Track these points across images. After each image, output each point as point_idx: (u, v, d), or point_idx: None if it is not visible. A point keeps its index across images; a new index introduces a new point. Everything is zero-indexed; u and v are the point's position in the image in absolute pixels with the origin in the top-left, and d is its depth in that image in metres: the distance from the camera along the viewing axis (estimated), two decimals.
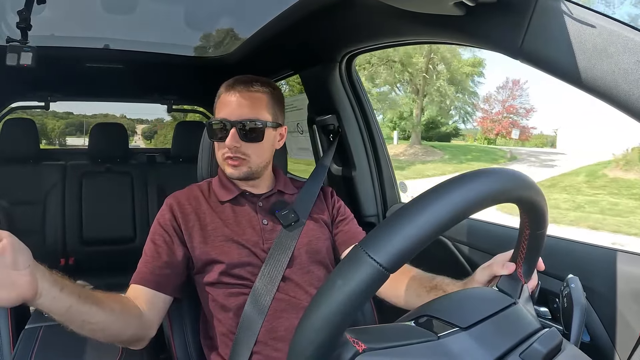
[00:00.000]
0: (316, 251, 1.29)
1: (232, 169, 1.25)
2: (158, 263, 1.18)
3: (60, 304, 0.87)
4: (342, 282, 0.53)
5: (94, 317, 0.94)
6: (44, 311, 0.86)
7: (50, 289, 0.85)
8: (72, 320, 0.91)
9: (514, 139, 22.87)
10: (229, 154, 1.23)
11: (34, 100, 3.23)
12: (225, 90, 1.28)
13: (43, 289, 0.83)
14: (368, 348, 0.58)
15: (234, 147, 1.22)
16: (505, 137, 21.66)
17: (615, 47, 0.79)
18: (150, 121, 26.74)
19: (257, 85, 1.27)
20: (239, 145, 1.22)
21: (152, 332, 1.14)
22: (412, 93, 22.27)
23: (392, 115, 24.52)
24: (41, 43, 1.71)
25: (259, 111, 1.25)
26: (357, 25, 1.52)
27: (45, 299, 0.84)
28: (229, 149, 1.23)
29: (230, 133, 1.21)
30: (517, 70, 19.53)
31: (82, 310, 0.91)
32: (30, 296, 0.81)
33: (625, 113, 0.80)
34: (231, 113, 1.23)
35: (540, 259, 0.85)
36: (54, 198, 2.88)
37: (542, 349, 0.60)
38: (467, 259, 1.50)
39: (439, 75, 20.99)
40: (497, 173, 0.62)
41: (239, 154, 1.23)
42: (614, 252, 1.08)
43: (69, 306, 0.88)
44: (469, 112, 23.83)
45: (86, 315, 0.93)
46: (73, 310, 0.90)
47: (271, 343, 1.15)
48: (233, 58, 2.39)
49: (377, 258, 0.52)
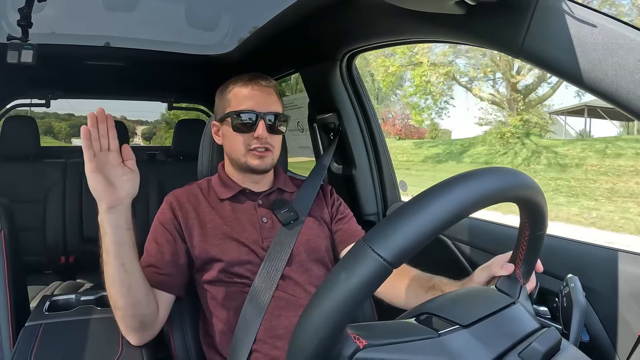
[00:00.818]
0: (315, 249, 1.29)
1: (259, 160, 1.27)
2: (162, 263, 1.19)
3: (120, 234, 1.01)
4: (345, 276, 0.53)
5: (132, 270, 1.04)
6: (104, 231, 1.01)
7: (123, 218, 1.02)
8: (117, 257, 1.02)
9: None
10: (258, 144, 1.25)
11: (34, 98, 3.22)
12: (243, 84, 1.30)
13: (121, 211, 1.01)
14: (369, 344, 0.58)
15: (264, 139, 1.25)
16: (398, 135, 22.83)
17: (616, 47, 0.79)
18: (149, 122, 26.84)
19: (271, 82, 1.32)
20: (267, 136, 1.26)
21: (156, 328, 1.15)
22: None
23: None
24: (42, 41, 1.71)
25: (279, 105, 1.31)
26: (358, 23, 1.52)
27: (116, 217, 1.00)
28: (258, 139, 1.25)
29: (260, 124, 1.24)
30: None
31: (129, 256, 1.03)
32: (112, 198, 0.99)
33: (626, 112, 0.80)
34: (259, 105, 1.27)
35: (538, 261, 0.85)
36: (55, 196, 2.88)
37: (541, 349, 0.60)
38: (466, 258, 1.50)
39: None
40: (500, 172, 0.62)
41: (267, 144, 1.26)
42: (614, 252, 1.08)
43: (123, 243, 1.02)
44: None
45: (128, 263, 1.03)
46: (123, 249, 1.02)
47: (270, 341, 1.15)
48: (234, 56, 2.39)
49: (381, 253, 0.52)
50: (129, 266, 1.03)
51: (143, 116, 27.23)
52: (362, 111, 1.95)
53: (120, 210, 1.00)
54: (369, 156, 1.97)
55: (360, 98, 1.95)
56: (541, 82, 15.64)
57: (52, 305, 1.33)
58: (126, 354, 1.10)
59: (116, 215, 0.99)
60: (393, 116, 22.68)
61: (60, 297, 1.37)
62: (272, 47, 2.07)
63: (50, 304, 1.33)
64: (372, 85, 20.39)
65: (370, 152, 1.97)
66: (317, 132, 2.14)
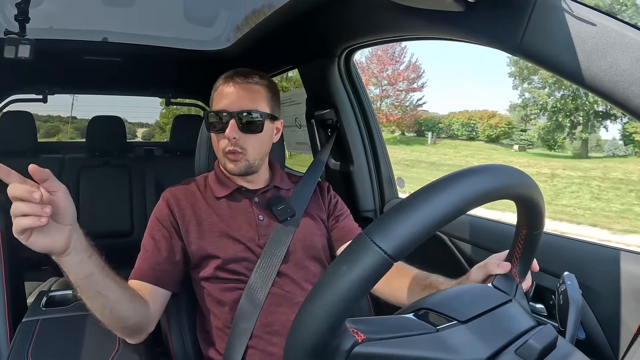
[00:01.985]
0: (312, 247, 1.29)
1: (232, 164, 1.25)
2: (158, 258, 1.19)
3: (84, 269, 0.91)
4: (346, 269, 0.53)
5: (109, 291, 0.97)
6: (65, 271, 0.90)
7: (80, 251, 0.89)
8: (88, 289, 0.94)
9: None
10: (229, 147, 1.23)
11: (31, 93, 3.21)
12: (223, 82, 1.28)
13: (74, 248, 0.87)
14: (367, 338, 0.58)
15: (233, 139, 1.22)
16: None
17: (615, 46, 0.79)
18: (149, 125, 27.04)
19: (255, 78, 1.27)
20: (238, 137, 1.22)
21: (151, 327, 1.15)
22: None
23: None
24: (39, 36, 1.70)
25: (258, 103, 1.25)
26: (357, 20, 1.52)
27: (73, 258, 0.88)
28: (228, 140, 1.22)
29: (230, 124, 1.21)
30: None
31: (100, 281, 0.94)
32: (60, 250, 0.85)
33: (624, 111, 0.80)
34: (231, 104, 1.23)
35: (535, 260, 0.86)
36: None
37: (538, 346, 0.61)
38: (463, 254, 1.50)
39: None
40: (502, 169, 0.62)
41: (237, 147, 1.23)
42: (610, 250, 1.08)
43: (90, 273, 0.92)
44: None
45: (103, 288, 0.95)
46: (93, 279, 0.93)
47: (267, 337, 1.16)
48: (232, 52, 2.38)
49: (383, 245, 0.52)
50: (104, 291, 0.96)
51: (143, 119, 27.37)
52: (360, 108, 1.95)
53: (75, 244, 0.87)
54: (366, 153, 1.97)
55: (358, 94, 1.95)
56: None
57: (49, 301, 1.33)
58: (124, 350, 1.11)
59: (74, 254, 0.88)
60: None
61: (57, 292, 1.37)
62: (270, 43, 2.07)
63: (48, 299, 1.33)
64: None
65: (368, 149, 1.97)
66: (315, 129, 2.14)
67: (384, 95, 24.99)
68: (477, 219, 1.48)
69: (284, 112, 2.42)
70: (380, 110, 24.32)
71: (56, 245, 0.84)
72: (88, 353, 1.09)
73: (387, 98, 25.04)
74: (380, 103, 24.89)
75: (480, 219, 1.48)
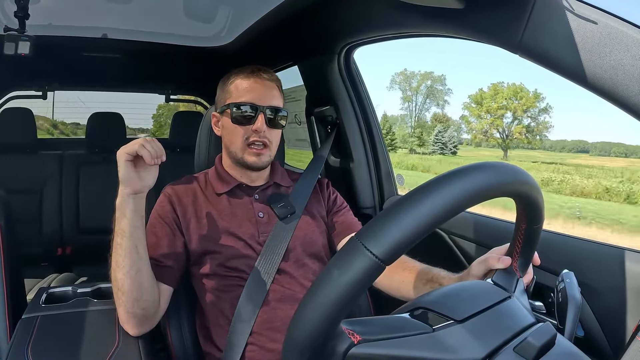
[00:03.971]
0: (311, 244, 1.30)
1: (256, 157, 1.27)
2: (160, 255, 1.19)
3: (139, 217, 1.09)
4: (338, 273, 0.53)
5: (142, 251, 1.09)
6: (129, 211, 1.08)
7: (143, 203, 1.10)
8: (131, 238, 1.07)
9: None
10: (256, 137, 1.25)
11: (31, 89, 3.21)
12: (245, 76, 1.30)
13: (142, 199, 1.10)
14: (363, 339, 0.58)
15: (262, 132, 1.25)
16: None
17: (616, 44, 0.79)
18: (149, 130, 27.29)
19: (273, 76, 1.32)
20: (265, 130, 1.26)
21: (156, 319, 1.17)
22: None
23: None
24: (39, 32, 1.70)
25: (281, 100, 1.31)
26: (357, 16, 1.51)
27: (140, 201, 1.09)
28: (257, 133, 1.25)
29: (260, 117, 1.25)
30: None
31: (141, 237, 1.09)
32: (141, 189, 1.09)
33: (624, 110, 0.80)
34: (259, 98, 1.26)
35: (535, 254, 0.86)
36: (51, 187, 2.87)
37: (536, 343, 0.61)
38: (462, 251, 1.50)
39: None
40: (495, 167, 0.62)
41: (266, 139, 1.26)
42: (609, 248, 1.08)
43: (139, 225, 1.09)
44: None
45: (140, 244, 1.09)
46: (138, 231, 1.08)
47: (267, 334, 1.16)
48: (232, 48, 2.38)
49: (374, 250, 0.52)
50: (141, 249, 1.08)
51: (143, 125, 27.60)
52: (360, 105, 1.95)
53: (142, 197, 1.08)
54: (366, 150, 1.97)
55: (358, 91, 1.95)
56: None
57: (49, 297, 1.33)
58: (123, 346, 1.11)
59: (137, 202, 1.07)
60: None
61: (57, 289, 1.37)
62: (270, 40, 2.06)
63: (47, 296, 1.33)
64: None
65: (368, 146, 1.97)
66: (315, 125, 2.14)
67: None
68: (476, 216, 1.48)
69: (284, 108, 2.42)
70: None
71: (140, 181, 1.07)
72: (88, 349, 1.09)
73: None
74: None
75: (479, 216, 1.48)
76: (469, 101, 33.33)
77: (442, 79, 43.50)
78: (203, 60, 2.75)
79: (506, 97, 31.34)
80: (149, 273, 1.11)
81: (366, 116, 1.96)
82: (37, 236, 2.78)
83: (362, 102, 1.95)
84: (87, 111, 3.14)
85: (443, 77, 44.42)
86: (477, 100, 32.84)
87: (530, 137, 32.55)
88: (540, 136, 32.88)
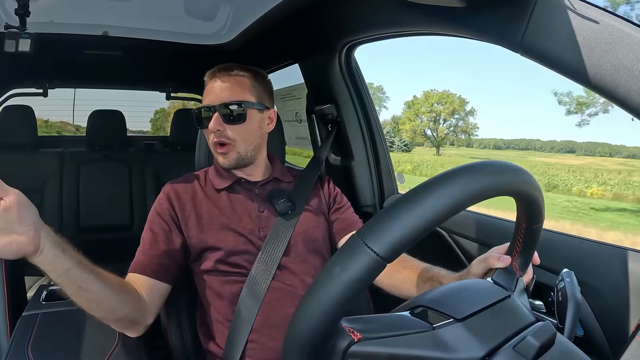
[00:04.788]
0: (312, 240, 1.30)
1: (223, 157, 1.27)
2: (157, 252, 1.19)
3: (59, 264, 0.89)
4: (339, 271, 0.53)
5: (91, 285, 0.96)
6: (43, 270, 0.89)
7: (52, 248, 0.87)
8: (69, 284, 0.93)
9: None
10: (215, 138, 1.25)
11: (32, 87, 3.20)
12: (208, 79, 1.31)
13: (45, 246, 0.86)
14: (363, 337, 0.58)
15: (218, 131, 1.24)
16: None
17: (617, 43, 0.79)
18: (148, 132, 27.55)
19: (237, 70, 1.30)
20: (223, 128, 1.25)
21: (149, 320, 1.14)
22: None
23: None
24: (39, 30, 1.70)
25: (241, 93, 1.27)
26: (358, 15, 1.51)
27: (46, 256, 0.87)
28: (213, 133, 1.25)
29: (214, 117, 1.24)
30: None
31: (80, 275, 0.93)
32: (31, 251, 0.84)
33: (625, 109, 0.80)
34: (214, 98, 1.26)
35: (535, 253, 0.86)
36: (52, 186, 2.87)
37: (536, 342, 0.61)
38: (462, 250, 1.50)
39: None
40: (496, 166, 0.62)
41: (223, 138, 1.25)
42: (609, 248, 1.08)
43: (67, 268, 0.91)
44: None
45: (83, 282, 0.94)
46: (71, 274, 0.92)
47: (267, 331, 1.16)
48: (233, 46, 2.38)
49: (375, 247, 0.52)
50: (86, 285, 0.95)
51: (143, 127, 27.75)
52: (361, 103, 1.95)
53: (45, 243, 0.87)
54: (366, 148, 1.97)
55: (358, 90, 1.95)
56: None
57: (49, 294, 1.33)
58: (123, 344, 1.11)
59: (46, 251, 0.87)
60: None
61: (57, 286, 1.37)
62: (270, 38, 2.06)
63: (48, 293, 1.33)
64: None
65: (368, 144, 1.97)
66: (315, 123, 2.14)
67: None
68: (476, 215, 1.48)
69: (285, 107, 2.41)
70: None
71: (25, 247, 0.83)
72: (88, 347, 1.09)
73: None
74: None
75: (479, 215, 1.48)
76: (405, 107, 36.31)
77: (381, 89, 47.11)
78: (204, 58, 2.75)
79: (435, 101, 34.26)
80: (111, 294, 1.00)
81: (367, 114, 1.96)
82: None
83: (363, 101, 1.95)
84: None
85: (381, 86, 48.48)
86: (409, 105, 35.88)
87: (454, 137, 35.33)
88: (466, 135, 35.77)
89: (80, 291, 0.95)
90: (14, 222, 0.81)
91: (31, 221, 0.84)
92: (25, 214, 0.83)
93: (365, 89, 1.97)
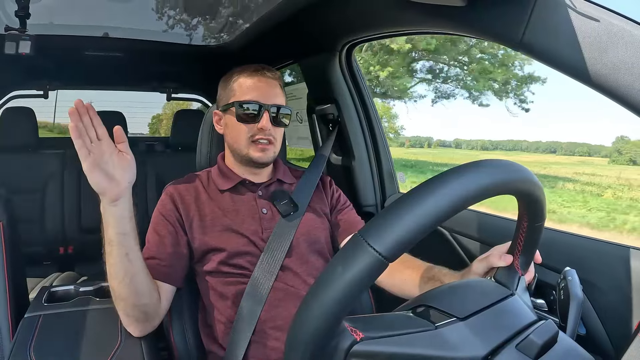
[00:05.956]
0: (315, 241, 1.30)
1: (262, 152, 1.27)
2: (164, 254, 1.19)
3: (124, 224, 1.03)
4: (341, 270, 0.53)
5: (135, 258, 1.05)
6: (109, 222, 1.02)
7: (126, 208, 1.03)
8: (120, 247, 1.02)
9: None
10: (261, 135, 1.26)
11: (32, 89, 3.21)
12: (248, 75, 1.30)
13: (121, 202, 1.01)
14: (365, 337, 0.58)
15: (268, 130, 1.25)
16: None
17: (618, 42, 0.78)
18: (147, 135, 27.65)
19: (276, 74, 1.32)
20: (271, 128, 1.26)
21: (157, 320, 1.16)
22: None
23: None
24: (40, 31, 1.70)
25: (284, 98, 1.32)
26: (358, 14, 1.51)
27: (119, 210, 1.01)
28: (262, 131, 1.25)
29: (265, 116, 1.25)
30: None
31: (132, 245, 1.04)
32: (112, 195, 1.00)
33: (625, 107, 0.79)
34: (263, 96, 1.27)
35: (537, 252, 0.86)
36: (53, 186, 2.87)
37: (538, 341, 0.61)
38: (464, 249, 1.50)
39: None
40: (497, 164, 0.62)
41: (271, 136, 1.27)
42: (612, 246, 1.08)
43: (127, 232, 1.03)
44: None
45: (131, 252, 1.04)
46: (127, 239, 1.03)
47: (270, 332, 1.16)
48: (233, 46, 2.38)
49: (377, 247, 0.52)
50: (132, 255, 1.04)
51: (144, 130, 27.81)
52: (361, 102, 1.95)
53: (124, 202, 1.01)
54: (367, 147, 1.97)
55: (359, 89, 1.94)
56: None
57: (51, 296, 1.33)
58: (125, 345, 1.11)
59: (120, 207, 1.01)
60: None
61: (59, 288, 1.37)
62: (270, 38, 2.06)
63: (49, 295, 1.33)
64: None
65: (369, 144, 1.97)
66: (316, 123, 2.14)
67: None
68: (478, 214, 1.48)
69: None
70: None
71: (110, 189, 0.99)
72: (90, 348, 1.09)
73: None
74: None
75: (481, 214, 1.48)
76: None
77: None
78: (204, 59, 2.75)
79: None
80: (145, 277, 1.08)
81: (367, 114, 1.95)
82: (39, 235, 2.78)
83: (364, 100, 1.95)
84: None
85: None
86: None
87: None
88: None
89: (125, 260, 1.03)
90: (119, 167, 1.00)
91: (128, 179, 1.02)
92: (130, 170, 1.02)
93: (366, 88, 1.97)
